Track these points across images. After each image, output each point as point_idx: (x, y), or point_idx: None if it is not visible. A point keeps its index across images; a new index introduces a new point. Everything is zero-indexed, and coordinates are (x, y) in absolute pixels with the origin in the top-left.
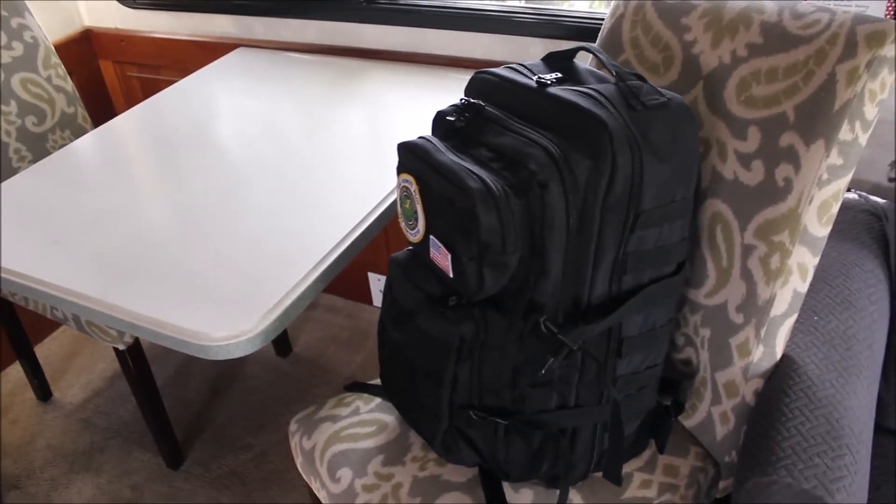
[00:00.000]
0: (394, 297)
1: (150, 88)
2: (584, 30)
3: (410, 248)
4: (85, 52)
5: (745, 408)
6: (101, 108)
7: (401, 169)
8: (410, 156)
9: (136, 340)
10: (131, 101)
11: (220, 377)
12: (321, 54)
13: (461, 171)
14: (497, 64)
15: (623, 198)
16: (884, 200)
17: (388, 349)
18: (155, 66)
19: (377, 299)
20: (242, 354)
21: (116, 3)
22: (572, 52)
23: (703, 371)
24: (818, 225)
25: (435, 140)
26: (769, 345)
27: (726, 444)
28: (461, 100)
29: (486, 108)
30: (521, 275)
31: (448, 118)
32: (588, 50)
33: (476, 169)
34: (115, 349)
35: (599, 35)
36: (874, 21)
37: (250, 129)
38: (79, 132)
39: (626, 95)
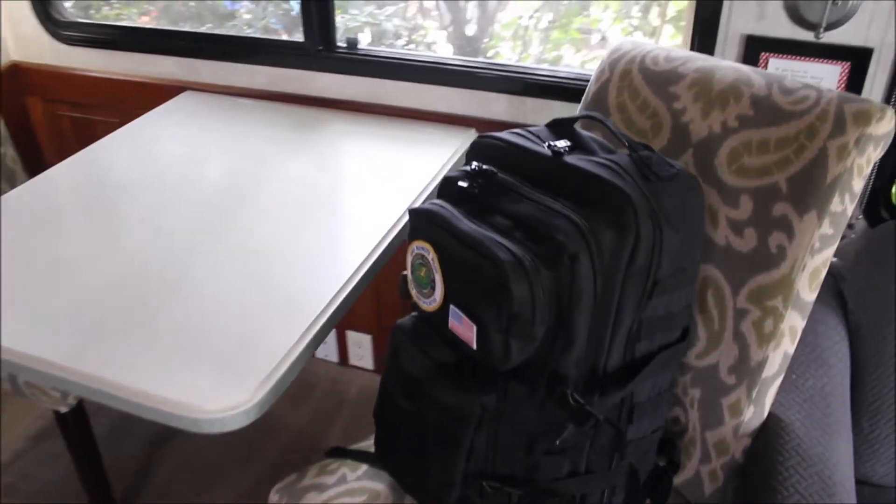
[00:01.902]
0: (400, 366)
1: (83, 129)
2: (548, 87)
3: (415, 314)
4: (11, 87)
5: (734, 465)
6: (28, 147)
7: (415, 235)
8: (427, 223)
9: (80, 401)
10: (61, 142)
11: (161, 429)
12: (273, 101)
13: (487, 240)
14: (459, 118)
15: (643, 267)
16: (835, 258)
17: (393, 417)
18: (89, 106)
19: (355, 358)
20: (237, 427)
21: (48, 36)
22: (575, 120)
23: (691, 430)
24: (809, 290)
25: (448, 206)
26: (759, 404)
27: (715, 501)
28: (472, 165)
29: (499, 174)
30: (545, 345)
31: (460, 183)
32: (596, 119)
33: (500, 238)
34: (56, 411)
35: (584, 98)
36: (859, 101)
37: (210, 179)
38: (9, 175)
39: (640, 166)
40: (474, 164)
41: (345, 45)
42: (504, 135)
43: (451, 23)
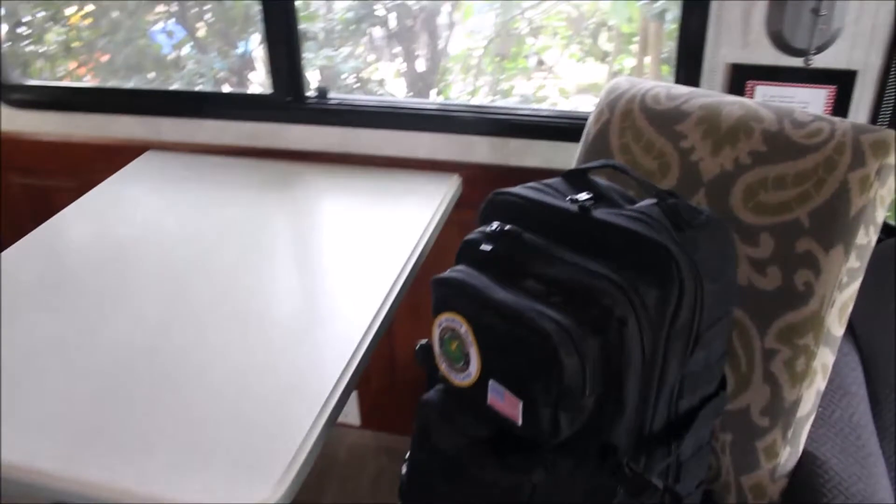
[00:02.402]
0: (433, 446)
1: (40, 196)
2: (531, 127)
3: (441, 387)
4: None
5: None
6: None
7: (443, 307)
8: (456, 293)
9: None
10: (14, 211)
11: None
12: (244, 157)
13: (528, 310)
14: (441, 163)
15: (687, 323)
16: None
17: (432, 501)
18: (45, 172)
19: (341, 416)
20: None
21: None
22: (592, 169)
23: (724, 475)
24: (838, 326)
25: (475, 272)
26: (795, 444)
27: None
28: (493, 226)
29: (525, 234)
30: (593, 414)
31: (483, 247)
32: (618, 168)
33: (540, 307)
34: None
35: (583, 141)
36: (874, 130)
37: (184, 247)
38: None
39: (670, 216)
40: (495, 224)
41: (315, 94)
42: (521, 190)
43: (405, 60)
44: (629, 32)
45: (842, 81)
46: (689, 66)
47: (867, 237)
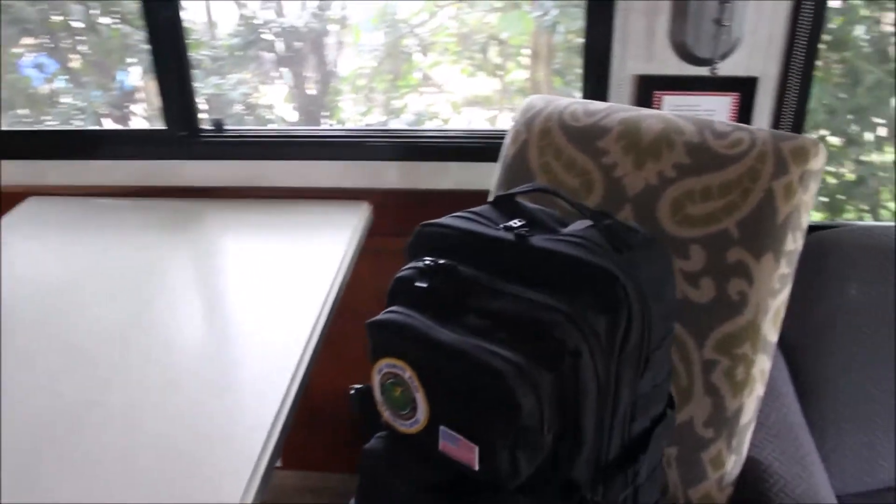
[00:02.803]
0: (383, 497)
1: None
2: (442, 149)
3: (383, 434)
4: None
5: None
6: None
7: (382, 352)
8: (395, 337)
9: None
10: None
11: None
12: (137, 198)
13: (474, 349)
14: (349, 192)
15: (636, 346)
16: None
17: None
18: None
19: None
20: None
21: None
22: (520, 194)
23: (672, 489)
24: (773, 332)
25: (413, 313)
26: (739, 452)
27: None
28: (426, 261)
29: (460, 267)
30: (552, 450)
31: (417, 284)
32: (548, 191)
33: (487, 344)
34: None
35: (501, 162)
36: (793, 138)
37: (81, 301)
38: None
39: (608, 237)
40: (428, 259)
41: (211, 127)
42: (450, 221)
43: (294, 84)
44: (518, 44)
45: (744, 88)
46: (596, 80)
47: (795, 243)
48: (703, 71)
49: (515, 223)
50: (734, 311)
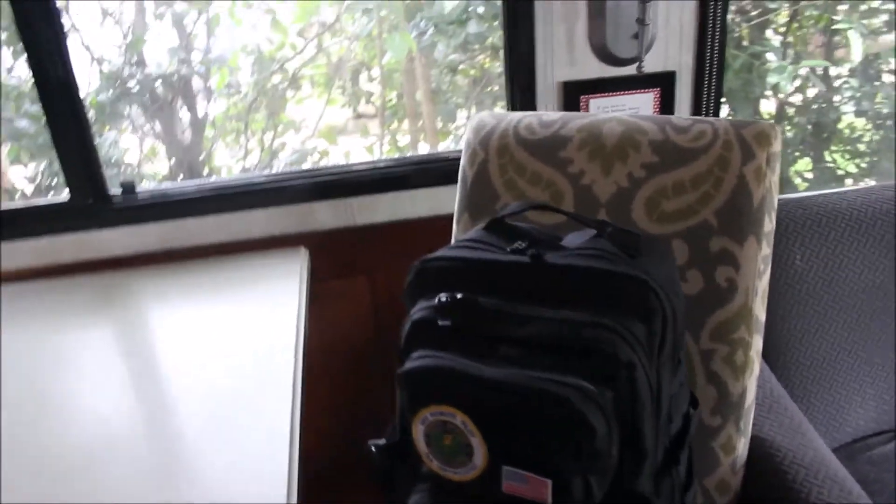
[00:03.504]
0: None
1: None
2: (371, 183)
3: (425, 486)
4: None
5: (737, 499)
6: None
7: (424, 401)
8: (437, 383)
9: None
10: None
11: None
12: (49, 277)
13: (529, 380)
14: (282, 239)
15: (671, 349)
16: None
17: None
18: None
19: None
20: None
21: None
22: (512, 214)
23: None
24: (763, 311)
25: (444, 354)
26: (747, 434)
27: None
28: (442, 297)
29: (480, 299)
30: (617, 468)
31: (441, 323)
32: (543, 207)
33: (536, 373)
34: None
35: (461, 185)
36: (751, 124)
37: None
38: None
39: (618, 245)
40: (443, 295)
41: (120, 191)
42: (454, 252)
43: (166, 135)
44: (391, 69)
45: (664, 83)
46: (522, 90)
47: (771, 223)
48: (624, 71)
49: (521, 245)
50: (725, 298)
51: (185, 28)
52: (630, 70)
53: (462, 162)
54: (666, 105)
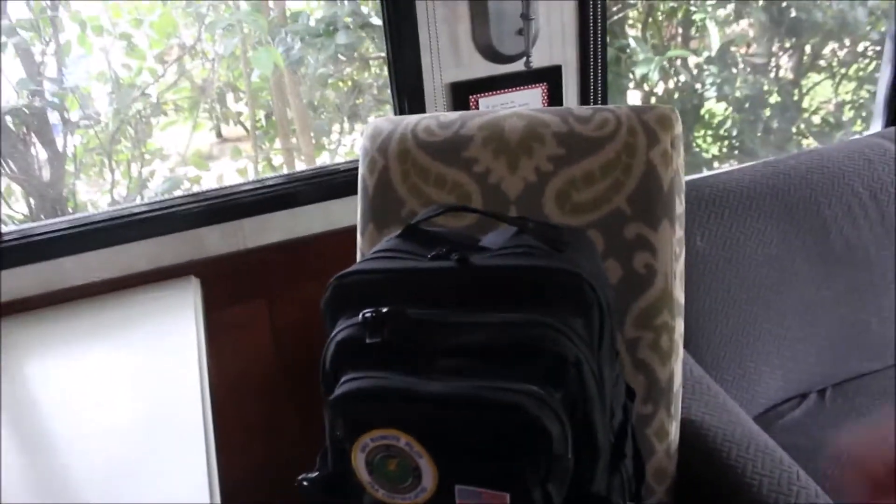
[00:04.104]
0: None
1: None
2: (264, 202)
3: None
4: None
5: (674, 484)
6: None
7: (363, 427)
8: (375, 406)
9: None
10: None
11: None
12: None
13: (476, 390)
14: (170, 270)
15: (609, 341)
16: None
17: None
18: None
19: None
20: None
21: None
22: (426, 220)
23: (624, 473)
24: (682, 294)
25: (378, 374)
26: (677, 417)
27: None
28: (368, 313)
29: (408, 310)
30: (574, 470)
31: (368, 340)
32: (460, 209)
33: (480, 382)
34: None
35: (361, 195)
36: (651, 109)
37: None
38: None
39: (542, 240)
40: (368, 312)
41: None
42: (370, 265)
43: (23, 174)
44: (258, 87)
45: (550, 77)
46: (410, 95)
47: (682, 205)
48: (511, 68)
49: (441, 250)
50: (645, 284)
51: (33, 57)
52: (516, 67)
53: (360, 171)
54: (555, 99)
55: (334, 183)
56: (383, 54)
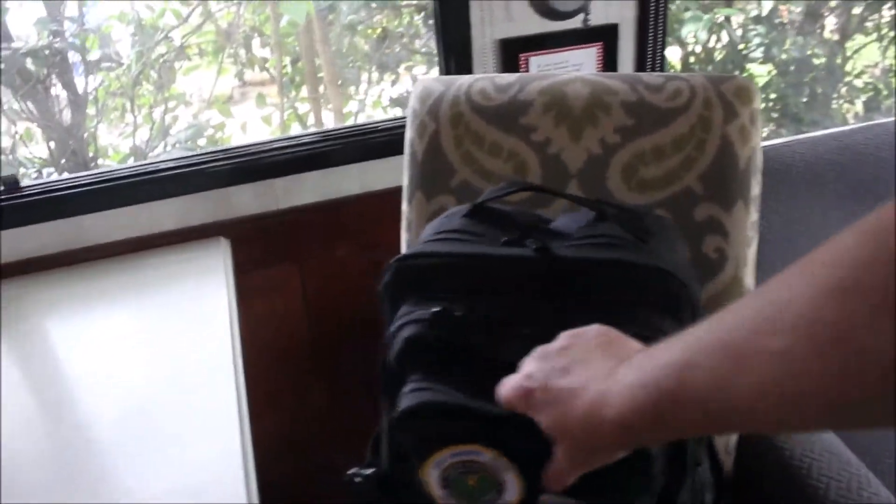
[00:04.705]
0: None
1: None
2: (298, 160)
3: None
4: None
5: (732, 483)
6: None
7: (439, 443)
8: (454, 421)
9: None
10: None
11: None
12: None
13: None
14: (198, 229)
15: None
16: None
17: None
18: None
19: None
20: None
21: None
22: (498, 198)
23: None
24: (753, 282)
25: (455, 383)
26: None
27: None
28: (436, 308)
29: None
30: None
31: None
32: (535, 188)
33: None
34: None
35: (409, 161)
36: (731, 79)
37: None
38: None
39: (627, 228)
40: (436, 307)
41: (2, 188)
42: (436, 248)
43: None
44: (285, 32)
45: (606, 37)
46: (458, 52)
47: (758, 186)
48: (564, 25)
49: (515, 235)
50: (716, 269)
51: None
52: (570, 24)
53: (408, 135)
54: (609, 60)
55: (373, 142)
56: (416, 1)
